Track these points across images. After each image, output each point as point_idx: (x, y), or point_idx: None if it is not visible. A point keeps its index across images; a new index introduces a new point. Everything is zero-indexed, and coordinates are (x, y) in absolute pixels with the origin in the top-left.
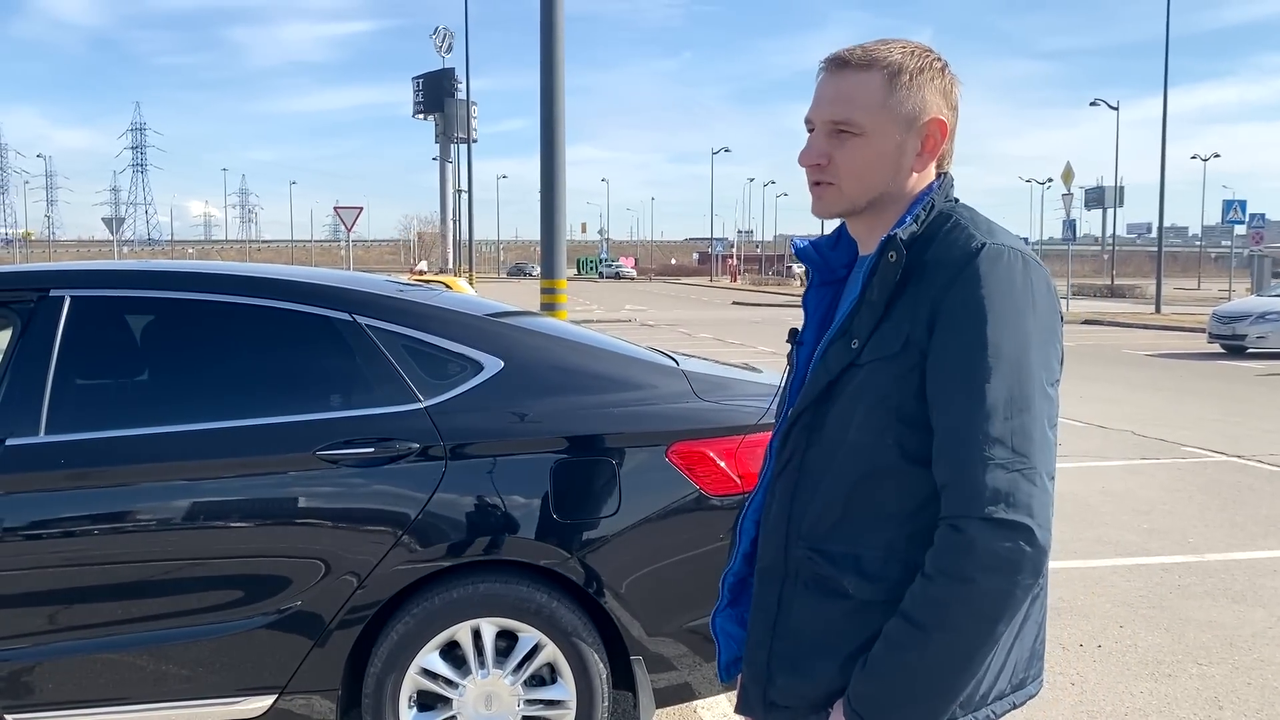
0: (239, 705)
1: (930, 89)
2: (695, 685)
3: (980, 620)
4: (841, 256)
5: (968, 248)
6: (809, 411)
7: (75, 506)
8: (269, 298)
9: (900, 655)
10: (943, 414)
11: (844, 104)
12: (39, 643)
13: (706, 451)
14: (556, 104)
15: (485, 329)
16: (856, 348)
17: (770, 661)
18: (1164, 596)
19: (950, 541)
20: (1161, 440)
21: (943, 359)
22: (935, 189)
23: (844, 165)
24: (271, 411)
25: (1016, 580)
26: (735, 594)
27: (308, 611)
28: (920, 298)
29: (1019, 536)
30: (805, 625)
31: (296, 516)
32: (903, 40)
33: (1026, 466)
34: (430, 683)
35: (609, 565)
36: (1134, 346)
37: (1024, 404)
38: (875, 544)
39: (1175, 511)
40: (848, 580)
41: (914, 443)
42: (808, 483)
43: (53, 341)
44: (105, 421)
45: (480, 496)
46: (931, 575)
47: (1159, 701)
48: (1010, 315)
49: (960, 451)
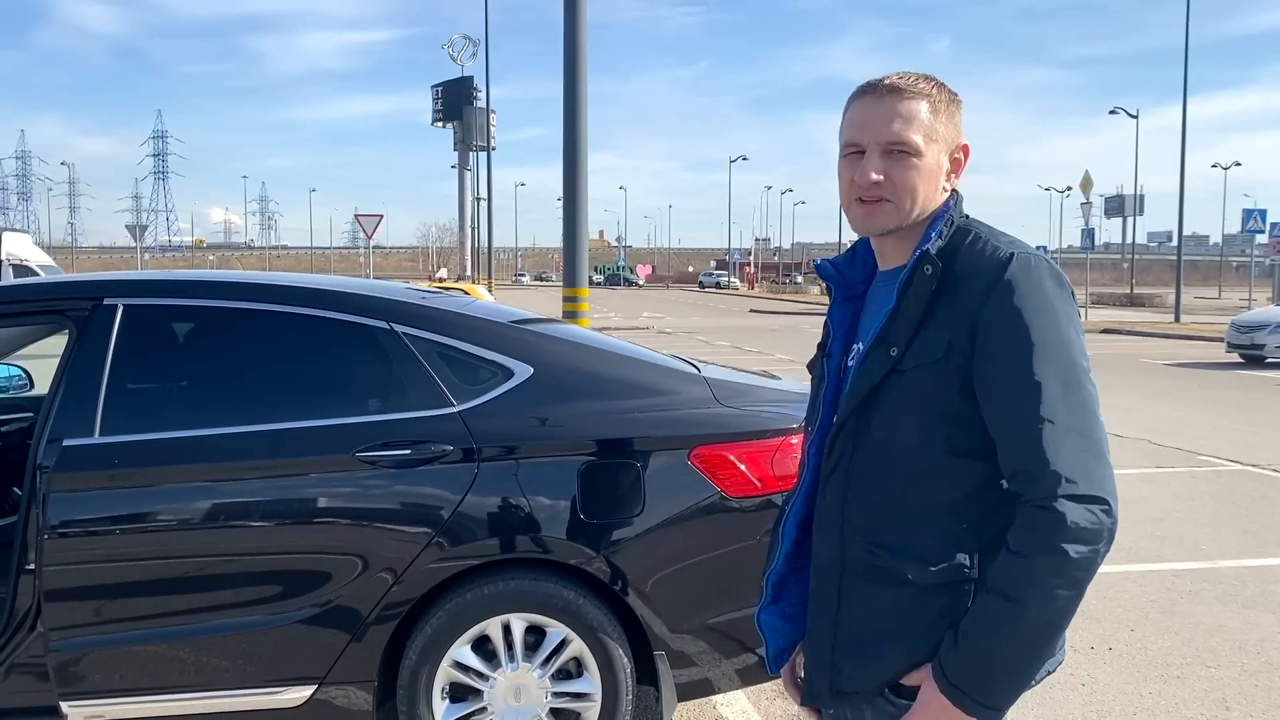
0: (280, 695)
1: (957, 118)
2: (715, 681)
3: (1072, 586)
4: (858, 273)
5: (997, 258)
6: (854, 417)
7: (127, 505)
8: (311, 307)
9: (998, 628)
10: (1004, 410)
11: (902, 126)
12: (93, 634)
13: (727, 455)
14: (579, 113)
15: (515, 337)
16: (896, 355)
17: (835, 651)
18: (1175, 602)
19: (1040, 519)
20: (1177, 449)
21: (994, 361)
22: (953, 206)
23: (901, 183)
24: (313, 415)
25: (1098, 548)
26: (777, 591)
27: (346, 606)
28: (958, 307)
29: (1099, 508)
30: (868, 614)
31: (336, 515)
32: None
33: (1091, 444)
34: (462, 675)
35: (633, 564)
36: (1152, 356)
37: (1076, 389)
38: (931, 532)
39: (1189, 519)
40: (909, 569)
41: (961, 438)
42: (858, 483)
43: (106, 347)
44: (156, 424)
45: (510, 497)
46: (1023, 552)
47: (1167, 702)
48: (1049, 314)
49: (1030, 440)
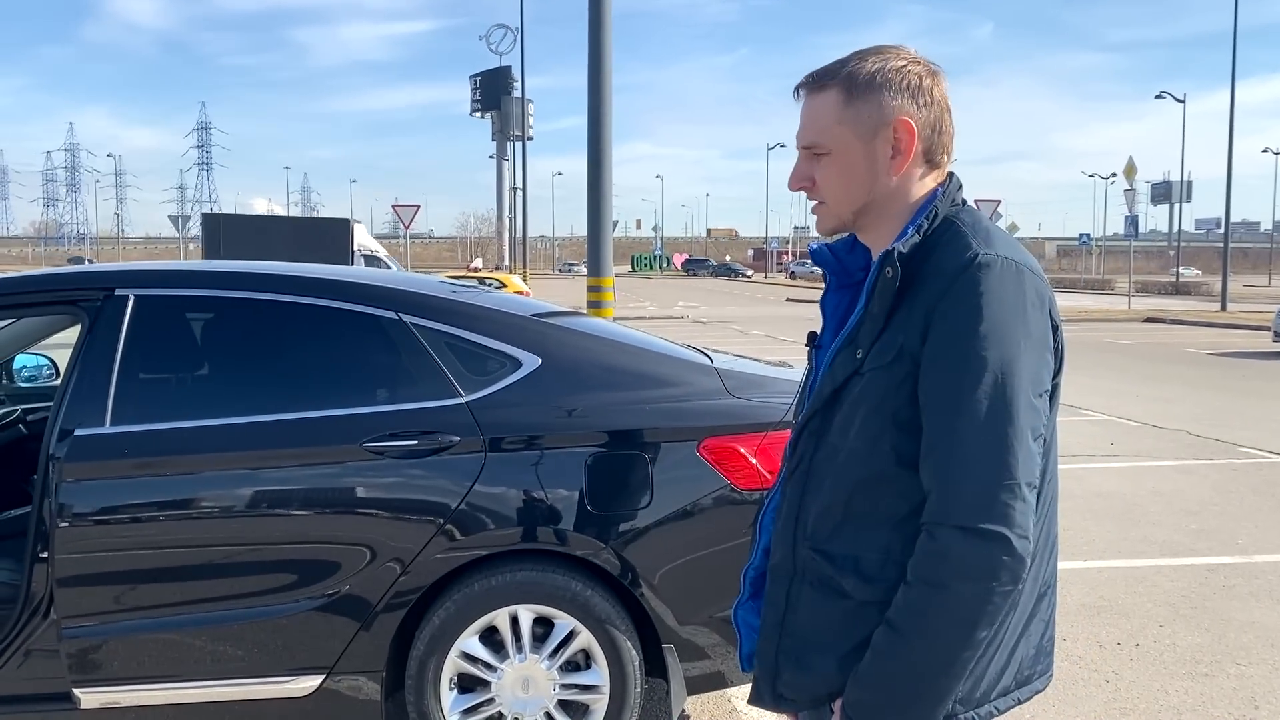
0: (289, 684)
1: (890, 92)
2: (727, 673)
3: (957, 626)
4: (858, 259)
5: (961, 257)
6: (817, 417)
7: (136, 494)
8: (319, 297)
9: (885, 662)
10: (929, 422)
11: (807, 127)
12: (104, 621)
13: (737, 447)
14: (604, 100)
15: (524, 327)
16: (860, 357)
17: (778, 656)
18: (1207, 597)
19: (927, 549)
20: (1217, 440)
21: (931, 368)
22: (940, 195)
23: (823, 185)
24: (321, 405)
25: (992, 587)
26: (756, 588)
27: (354, 596)
28: (915, 307)
29: (995, 546)
30: (809, 623)
31: (343, 505)
32: (867, 47)
33: (1007, 478)
34: (470, 666)
35: (641, 556)
36: (1196, 345)
37: (1008, 415)
38: (873, 546)
39: (1226, 512)
40: (847, 581)
41: (909, 448)
42: (814, 485)
43: (118, 338)
44: (166, 414)
45: (518, 488)
46: (910, 582)
47: (1194, 700)
48: (998, 326)
49: (942, 460)
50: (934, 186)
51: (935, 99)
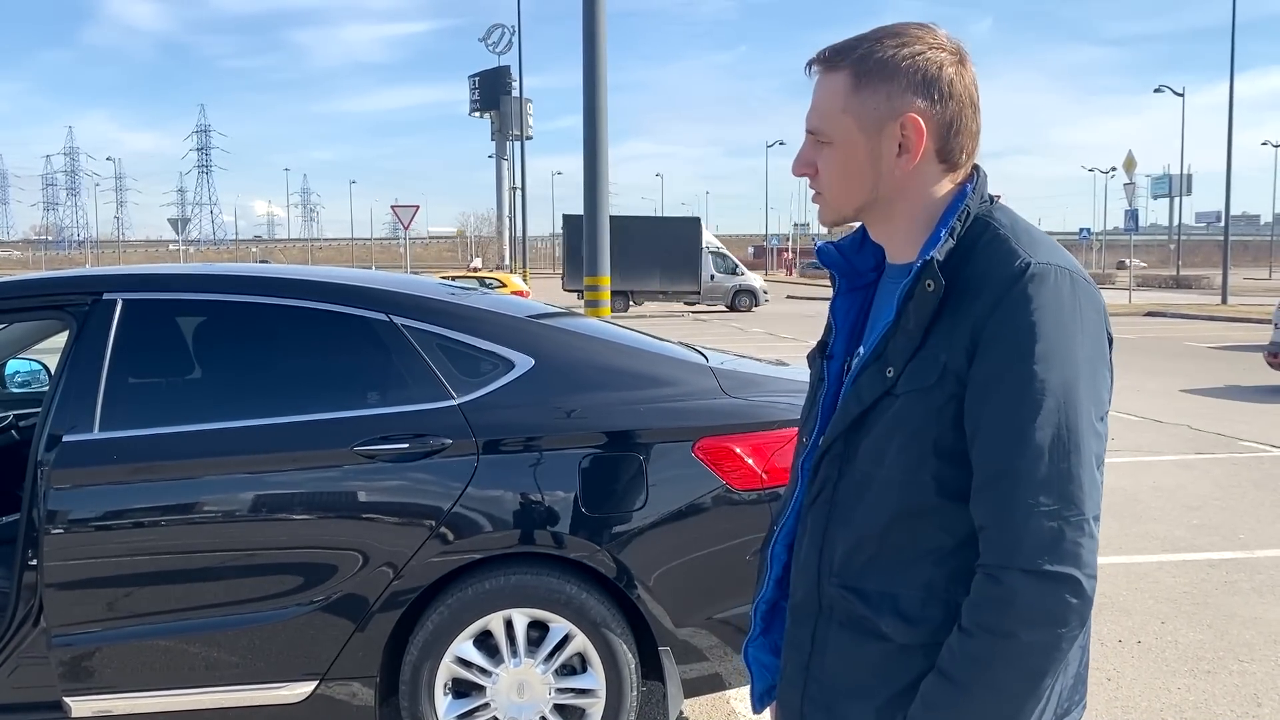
0: (283, 690)
1: (901, 82)
2: (725, 676)
3: (1025, 677)
4: (868, 259)
5: (1010, 267)
6: (840, 441)
7: (125, 500)
8: (308, 299)
9: (939, 714)
10: (984, 452)
11: (814, 110)
12: (95, 629)
13: (732, 447)
14: (599, 100)
15: (517, 328)
16: (892, 376)
17: (804, 703)
18: (1209, 593)
19: (989, 594)
20: (1218, 434)
21: (985, 392)
22: (970, 193)
23: (824, 175)
24: (311, 409)
25: (1062, 634)
26: (768, 622)
27: (347, 601)
28: (959, 321)
29: (1064, 589)
30: (840, 667)
31: (335, 510)
32: (891, 25)
33: (1075, 513)
34: (465, 671)
35: (637, 558)
36: (1197, 339)
37: (1073, 444)
38: (914, 584)
39: (1228, 507)
40: (884, 622)
41: (952, 478)
42: (840, 516)
43: (106, 343)
44: (155, 419)
45: (511, 490)
46: (970, 630)
47: (1196, 698)
48: (1058, 345)
49: (1002, 495)
50: (954, 186)
51: (955, 92)
